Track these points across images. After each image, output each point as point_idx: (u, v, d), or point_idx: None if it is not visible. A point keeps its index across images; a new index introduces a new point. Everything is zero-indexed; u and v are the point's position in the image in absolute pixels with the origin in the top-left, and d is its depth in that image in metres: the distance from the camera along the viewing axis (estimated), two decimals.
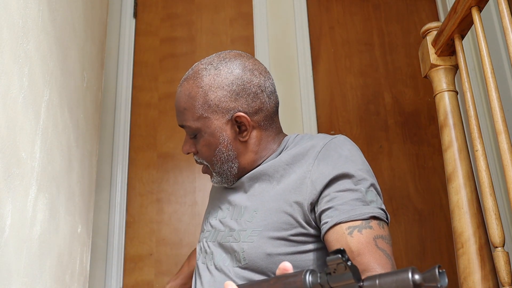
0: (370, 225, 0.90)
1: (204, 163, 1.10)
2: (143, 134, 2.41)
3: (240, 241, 1.00)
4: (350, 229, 0.89)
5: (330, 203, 0.93)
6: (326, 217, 0.92)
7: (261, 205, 1.01)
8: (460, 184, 1.24)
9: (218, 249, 1.05)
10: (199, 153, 1.09)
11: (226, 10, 2.63)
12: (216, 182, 1.11)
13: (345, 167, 0.95)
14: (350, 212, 0.90)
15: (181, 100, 1.07)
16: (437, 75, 1.39)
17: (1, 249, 0.98)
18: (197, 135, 1.07)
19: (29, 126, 1.15)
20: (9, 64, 1.03)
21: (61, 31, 1.38)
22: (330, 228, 0.91)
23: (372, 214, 0.90)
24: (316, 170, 0.96)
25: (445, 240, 2.21)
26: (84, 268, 1.64)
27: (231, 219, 1.05)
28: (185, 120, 1.07)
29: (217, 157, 1.07)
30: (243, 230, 1.00)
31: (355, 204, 0.91)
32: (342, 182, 0.94)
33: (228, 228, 1.04)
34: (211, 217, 1.14)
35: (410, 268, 0.51)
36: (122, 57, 2.51)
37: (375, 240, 0.88)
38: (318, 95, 2.45)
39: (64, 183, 1.40)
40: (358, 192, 0.93)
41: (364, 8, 2.64)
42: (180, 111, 1.08)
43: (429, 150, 2.37)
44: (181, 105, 1.07)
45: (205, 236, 1.12)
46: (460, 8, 1.28)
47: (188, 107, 1.06)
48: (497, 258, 1.10)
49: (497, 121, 1.14)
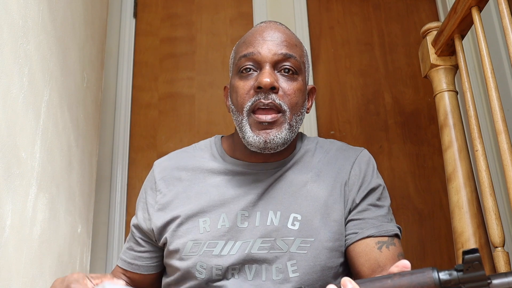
0: (394, 242, 0.95)
1: (282, 106, 0.95)
2: (143, 134, 2.41)
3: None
4: (380, 244, 0.93)
5: (361, 214, 0.97)
6: (355, 228, 0.96)
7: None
8: (460, 184, 1.24)
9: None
10: (289, 94, 0.96)
11: (226, 10, 2.63)
12: (280, 138, 0.94)
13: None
14: (379, 228, 0.95)
15: (291, 35, 1.02)
16: (437, 75, 1.39)
17: (1, 249, 0.98)
18: (296, 75, 0.98)
19: (29, 126, 1.15)
20: (9, 64, 1.03)
21: (61, 31, 1.38)
22: (360, 239, 0.94)
23: (396, 232, 0.96)
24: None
25: (445, 240, 2.21)
26: (84, 268, 1.64)
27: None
28: (294, 52, 0.99)
29: (300, 108, 0.99)
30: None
31: (382, 220, 0.96)
32: (373, 195, 0.99)
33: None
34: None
35: None
36: (122, 57, 2.50)
37: (398, 258, 0.93)
38: (318, 95, 2.45)
39: (64, 183, 1.40)
40: (385, 209, 0.99)
41: (364, 8, 2.64)
42: (289, 43, 0.99)
43: (429, 150, 2.37)
44: (293, 40, 1.01)
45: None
46: (460, 8, 1.28)
47: (299, 46, 1.02)
48: (497, 258, 1.10)
49: (497, 121, 1.14)
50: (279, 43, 0.98)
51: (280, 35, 0.99)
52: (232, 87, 1.01)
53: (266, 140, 0.94)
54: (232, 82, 1.02)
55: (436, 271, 0.57)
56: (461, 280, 0.55)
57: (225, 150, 1.07)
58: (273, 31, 1.00)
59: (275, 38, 0.99)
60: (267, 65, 0.96)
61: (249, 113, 0.95)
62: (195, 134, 2.38)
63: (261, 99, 0.94)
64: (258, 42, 0.99)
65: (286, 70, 0.97)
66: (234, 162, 1.03)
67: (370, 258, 0.92)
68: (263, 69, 0.96)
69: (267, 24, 1.03)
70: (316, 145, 1.06)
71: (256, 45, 0.98)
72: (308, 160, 1.03)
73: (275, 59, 0.96)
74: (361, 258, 0.93)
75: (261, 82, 0.93)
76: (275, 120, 0.94)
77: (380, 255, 0.92)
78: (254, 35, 1.01)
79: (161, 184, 1.06)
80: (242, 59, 0.98)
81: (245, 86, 0.97)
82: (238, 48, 1.04)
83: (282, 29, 1.02)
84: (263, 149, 0.95)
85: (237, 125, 0.99)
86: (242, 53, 0.99)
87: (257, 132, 0.94)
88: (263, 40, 0.99)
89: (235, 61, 1.03)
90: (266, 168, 1.01)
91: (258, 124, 0.94)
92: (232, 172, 1.02)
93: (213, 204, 0.99)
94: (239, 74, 0.99)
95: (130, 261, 1.08)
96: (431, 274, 0.57)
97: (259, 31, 1.01)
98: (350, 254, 0.95)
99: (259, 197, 0.97)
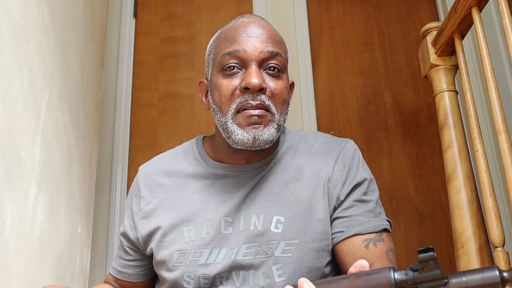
0: (382, 238, 0.92)
1: (271, 107, 0.92)
2: (143, 134, 2.41)
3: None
4: (366, 242, 0.90)
5: (346, 211, 0.94)
6: (341, 226, 0.93)
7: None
8: (460, 184, 1.24)
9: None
10: (276, 93, 0.93)
11: (226, 10, 2.63)
12: (269, 135, 0.91)
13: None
14: (365, 224, 0.92)
15: (275, 32, 0.98)
16: (437, 75, 1.39)
17: (1, 249, 0.98)
18: (281, 73, 0.95)
19: (29, 126, 1.15)
20: (9, 64, 1.03)
21: (61, 31, 1.38)
22: (346, 238, 0.92)
23: (384, 227, 0.93)
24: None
25: (445, 240, 2.21)
26: (84, 268, 1.64)
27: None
28: (281, 50, 0.96)
29: (287, 107, 0.96)
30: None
31: (369, 216, 0.93)
32: (359, 190, 0.96)
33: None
34: None
35: (495, 266, 0.53)
36: (122, 57, 2.51)
37: (387, 254, 0.91)
38: (318, 95, 2.45)
39: (64, 183, 1.40)
40: (372, 203, 0.95)
41: (364, 8, 2.64)
42: (274, 40, 0.96)
43: (429, 150, 2.37)
44: (277, 36, 0.98)
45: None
46: (460, 8, 1.28)
47: (283, 42, 0.99)
48: (497, 258, 1.10)
49: (497, 121, 1.14)
50: (265, 40, 0.94)
51: (265, 31, 0.95)
52: (214, 85, 0.96)
53: (255, 137, 0.90)
54: (214, 80, 0.96)
55: (392, 271, 0.56)
56: (416, 280, 0.54)
57: (207, 151, 1.04)
58: (257, 26, 0.96)
59: (259, 34, 0.94)
60: (253, 64, 0.92)
61: (235, 113, 0.91)
62: (195, 134, 2.37)
63: (249, 100, 0.90)
64: (243, 39, 0.94)
65: (272, 69, 0.93)
66: (215, 165, 1.00)
67: (357, 257, 0.89)
68: (249, 68, 0.92)
69: (250, 19, 0.98)
70: (299, 139, 1.03)
71: (240, 42, 0.93)
72: (290, 157, 1.00)
73: (262, 57, 0.92)
74: (347, 257, 0.91)
75: (250, 83, 0.89)
76: (264, 115, 0.91)
77: (367, 253, 0.89)
78: (237, 31, 0.95)
79: (145, 191, 1.03)
80: (226, 56, 0.93)
81: (229, 85, 0.92)
82: (219, 44, 0.98)
83: (265, 24, 0.98)
84: (250, 147, 0.91)
85: (219, 126, 0.95)
86: (226, 50, 0.94)
87: (246, 128, 0.90)
88: (247, 36, 0.94)
89: (216, 57, 0.97)
90: (247, 170, 0.98)
91: (248, 118, 0.90)
92: (214, 175, 0.99)
93: (196, 212, 0.96)
94: (222, 72, 0.94)
95: (120, 269, 1.07)
96: (387, 274, 0.56)
97: (242, 26, 0.96)
98: (337, 253, 0.93)
99: (241, 201, 0.95)
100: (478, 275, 0.53)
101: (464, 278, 0.53)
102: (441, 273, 0.53)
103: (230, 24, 1.00)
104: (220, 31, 1.02)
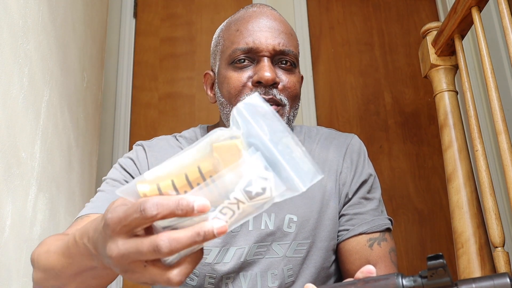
0: (385, 237, 0.91)
1: (282, 101, 0.90)
2: (143, 134, 2.41)
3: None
4: (371, 242, 0.90)
5: (353, 209, 0.93)
6: (347, 224, 0.92)
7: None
8: (460, 184, 1.24)
9: None
10: (289, 87, 0.91)
11: (226, 10, 2.63)
12: None
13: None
14: (370, 223, 0.91)
15: (286, 24, 0.96)
16: (437, 75, 1.39)
17: (1, 249, 0.98)
18: (294, 67, 0.94)
19: (29, 126, 1.15)
20: (9, 64, 1.03)
21: (61, 31, 1.38)
22: (351, 236, 0.91)
23: (387, 226, 0.92)
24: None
25: (445, 240, 2.21)
26: None
27: None
28: (292, 46, 0.94)
29: (298, 101, 0.95)
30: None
31: (373, 214, 0.92)
32: (365, 187, 0.95)
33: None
34: None
35: (506, 273, 0.53)
36: (122, 57, 2.51)
37: (390, 254, 0.90)
38: (318, 95, 2.45)
39: (64, 183, 1.40)
40: (375, 201, 0.94)
41: (364, 8, 2.64)
42: (286, 33, 0.94)
43: (429, 150, 2.37)
44: (289, 28, 0.96)
45: None
46: (460, 8, 1.28)
47: (294, 35, 0.96)
48: (497, 258, 1.10)
49: (497, 121, 1.14)
50: (277, 35, 0.91)
51: (277, 24, 0.93)
52: (223, 77, 0.93)
53: None
54: (223, 72, 0.94)
55: (400, 278, 0.56)
56: (425, 287, 0.54)
57: None
58: (268, 18, 0.93)
59: (272, 27, 0.92)
60: (266, 59, 0.90)
61: None
62: None
63: (260, 94, 0.86)
64: (254, 32, 0.91)
65: (285, 62, 0.92)
66: None
67: (361, 256, 0.89)
68: (262, 62, 0.90)
69: (261, 9, 0.95)
70: (304, 136, 1.00)
71: (252, 35, 0.91)
72: None
73: (275, 51, 0.90)
74: (351, 256, 0.90)
75: (263, 77, 0.87)
76: (277, 111, 0.89)
77: (371, 253, 0.89)
78: (249, 23, 0.93)
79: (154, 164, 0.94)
80: (238, 51, 0.91)
81: (240, 78, 0.90)
82: (229, 36, 0.95)
83: (277, 15, 0.96)
84: None
85: (226, 118, 0.92)
86: (239, 45, 0.91)
87: None
88: (259, 30, 0.91)
89: (225, 50, 0.94)
90: None
91: None
92: None
93: None
94: (232, 65, 0.92)
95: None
96: (395, 281, 0.56)
97: (253, 17, 0.94)
98: (340, 251, 0.92)
99: None
100: (489, 282, 0.52)
101: (474, 285, 0.53)
102: (451, 280, 0.53)
103: (240, 14, 0.97)
104: (229, 21, 0.99)
